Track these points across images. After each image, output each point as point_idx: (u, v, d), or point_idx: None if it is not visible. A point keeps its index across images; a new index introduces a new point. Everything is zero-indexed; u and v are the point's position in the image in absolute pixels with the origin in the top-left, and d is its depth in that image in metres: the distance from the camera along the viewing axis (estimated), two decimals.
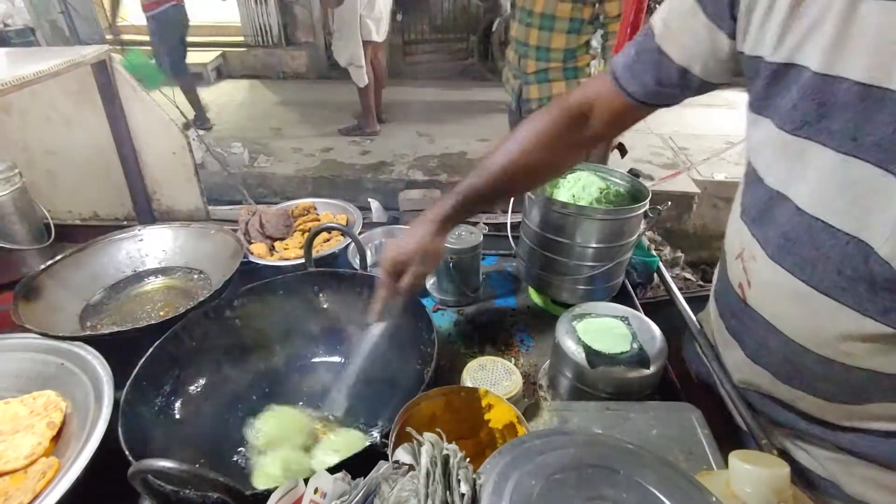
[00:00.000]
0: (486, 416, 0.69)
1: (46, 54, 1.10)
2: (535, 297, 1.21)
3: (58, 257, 1.10)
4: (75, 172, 1.34)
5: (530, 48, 1.98)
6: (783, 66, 0.58)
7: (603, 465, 0.49)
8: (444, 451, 0.42)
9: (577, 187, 1.12)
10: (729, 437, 0.78)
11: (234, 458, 0.82)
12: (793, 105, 0.58)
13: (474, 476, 0.41)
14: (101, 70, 1.17)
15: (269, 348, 1.00)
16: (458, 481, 0.39)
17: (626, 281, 1.21)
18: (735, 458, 0.53)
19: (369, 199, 3.02)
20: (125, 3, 4.85)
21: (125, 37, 4.88)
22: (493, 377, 0.82)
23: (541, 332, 1.09)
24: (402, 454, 0.43)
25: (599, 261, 1.06)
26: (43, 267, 1.07)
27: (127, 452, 0.67)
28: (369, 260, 1.19)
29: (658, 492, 0.46)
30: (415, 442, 0.44)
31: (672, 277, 1.27)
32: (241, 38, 6.45)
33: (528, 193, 1.08)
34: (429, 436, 0.43)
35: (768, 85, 0.61)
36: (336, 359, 1.01)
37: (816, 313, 0.61)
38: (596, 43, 2.09)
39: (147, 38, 4.58)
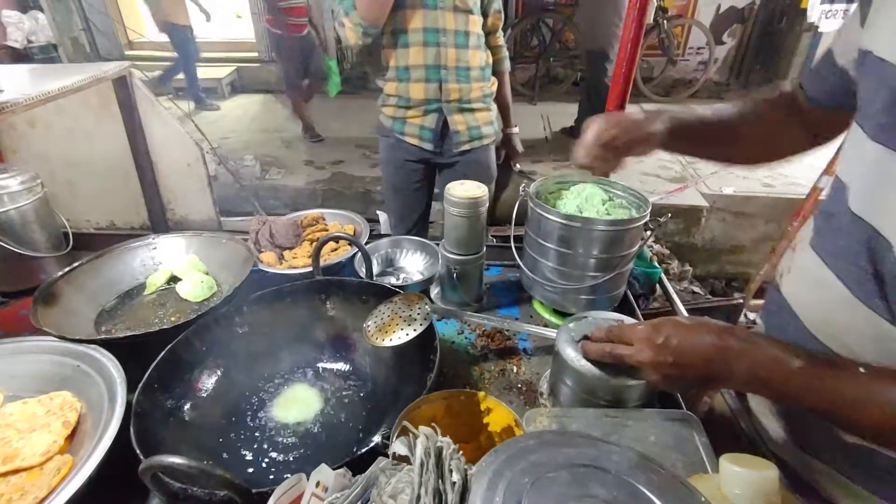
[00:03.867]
0: (486, 420, 0.71)
1: (70, 70, 1.16)
2: (539, 307, 1.22)
3: (75, 264, 1.14)
4: (94, 183, 1.39)
5: (449, 70, 1.67)
6: (863, 53, 0.61)
7: (594, 465, 0.50)
8: (438, 444, 0.44)
9: (581, 199, 1.15)
10: (731, 447, 0.79)
11: (241, 458, 0.84)
12: (867, 94, 0.61)
13: (465, 467, 0.43)
14: (122, 85, 1.22)
15: (276, 354, 1.03)
16: (451, 471, 0.41)
17: (629, 292, 1.23)
18: (725, 460, 0.54)
19: (378, 212, 3.07)
20: (142, 20, 5.03)
21: (142, 52, 5.07)
22: None
23: (543, 341, 1.11)
24: (399, 446, 0.45)
25: (601, 271, 1.08)
26: (61, 273, 1.11)
27: (138, 451, 0.70)
28: (375, 269, 1.22)
29: (648, 491, 0.48)
30: (411, 435, 0.46)
31: (680, 291, 1.29)
32: (255, 54, 6.60)
33: (533, 205, 1.10)
34: (424, 429, 0.45)
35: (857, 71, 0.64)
36: (341, 365, 1.03)
37: (832, 302, 0.63)
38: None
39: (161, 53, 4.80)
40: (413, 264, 1.34)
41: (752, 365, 0.57)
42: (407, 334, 0.91)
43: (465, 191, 1.09)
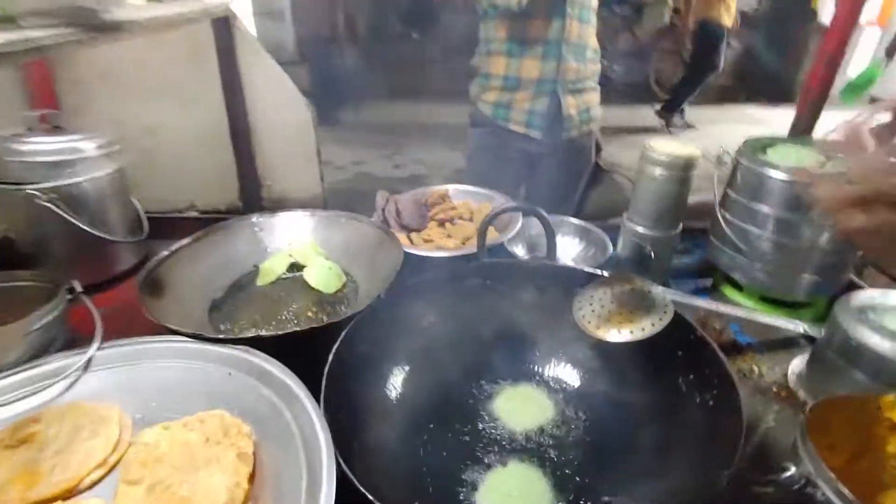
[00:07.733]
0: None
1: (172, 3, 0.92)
2: (732, 294, 1.02)
3: (174, 247, 0.90)
4: (175, 153, 1.13)
5: (570, 46, 1.45)
6: None
7: None
8: None
9: (791, 160, 0.95)
10: None
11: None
12: None
13: None
14: (223, 29, 0.99)
15: (450, 350, 0.80)
16: None
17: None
18: None
19: None
20: None
21: None
22: None
23: (765, 333, 0.90)
24: None
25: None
26: (163, 256, 0.87)
27: (365, 492, 0.47)
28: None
29: None
30: None
31: None
32: None
33: (748, 162, 0.91)
34: None
35: None
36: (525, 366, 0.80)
37: None
38: None
39: None
40: (564, 251, 1.12)
41: None
42: (652, 324, 0.70)
43: (674, 148, 0.89)
